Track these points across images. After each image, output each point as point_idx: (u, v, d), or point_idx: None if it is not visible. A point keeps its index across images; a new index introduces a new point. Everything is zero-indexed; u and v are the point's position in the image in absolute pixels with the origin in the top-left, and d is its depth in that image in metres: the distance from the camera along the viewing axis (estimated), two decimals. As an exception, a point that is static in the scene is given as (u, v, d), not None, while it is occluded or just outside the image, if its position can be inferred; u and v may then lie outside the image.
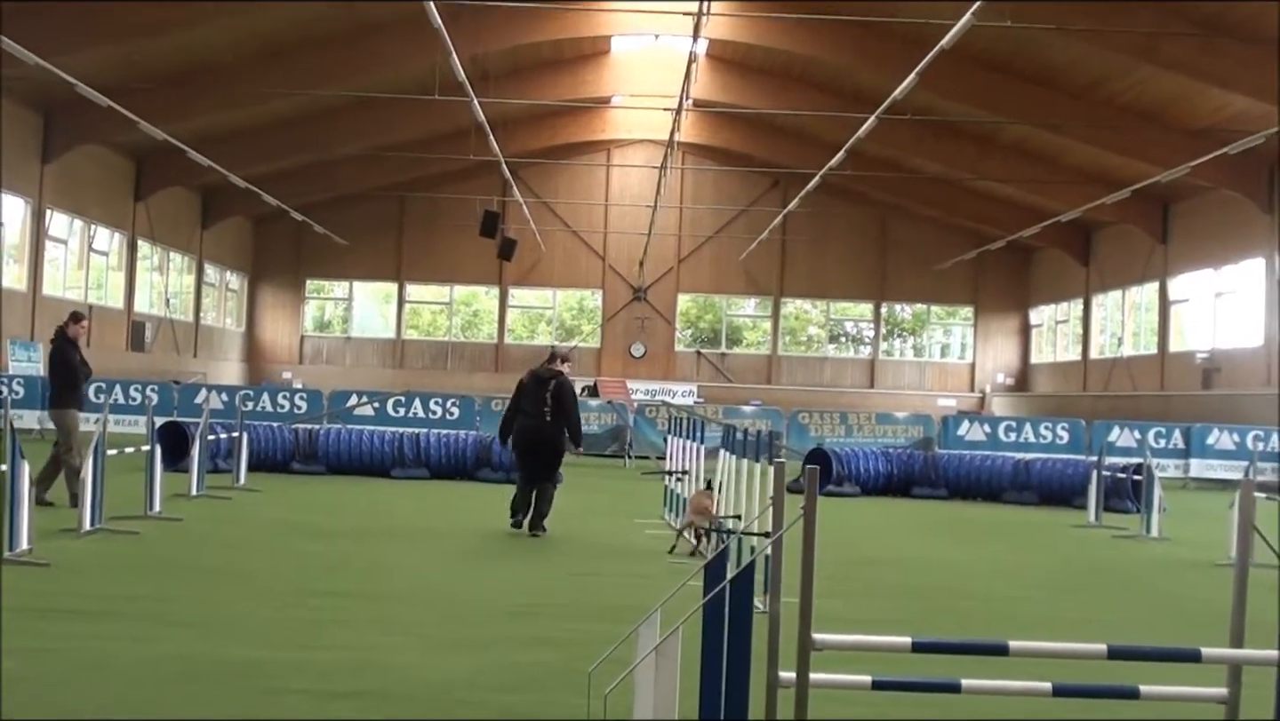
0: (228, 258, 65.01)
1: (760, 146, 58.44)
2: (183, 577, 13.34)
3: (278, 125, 50.88)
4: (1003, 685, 6.86)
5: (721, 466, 15.53)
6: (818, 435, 36.40)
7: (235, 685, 8.82)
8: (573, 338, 67.86)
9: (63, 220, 47.68)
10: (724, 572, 6.41)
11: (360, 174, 59.18)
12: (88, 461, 15.81)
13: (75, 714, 7.90)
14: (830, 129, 47.80)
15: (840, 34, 42.35)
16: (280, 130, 51.15)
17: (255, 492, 22.78)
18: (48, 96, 41.29)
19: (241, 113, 47.58)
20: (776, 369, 67.40)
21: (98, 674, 8.99)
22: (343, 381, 54.16)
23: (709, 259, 66.76)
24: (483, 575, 14.39)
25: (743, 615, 6.14)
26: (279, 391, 37.84)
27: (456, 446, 28.15)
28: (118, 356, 50.93)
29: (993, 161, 50.19)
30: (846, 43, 42.97)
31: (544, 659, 10.03)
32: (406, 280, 68.08)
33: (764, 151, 58.37)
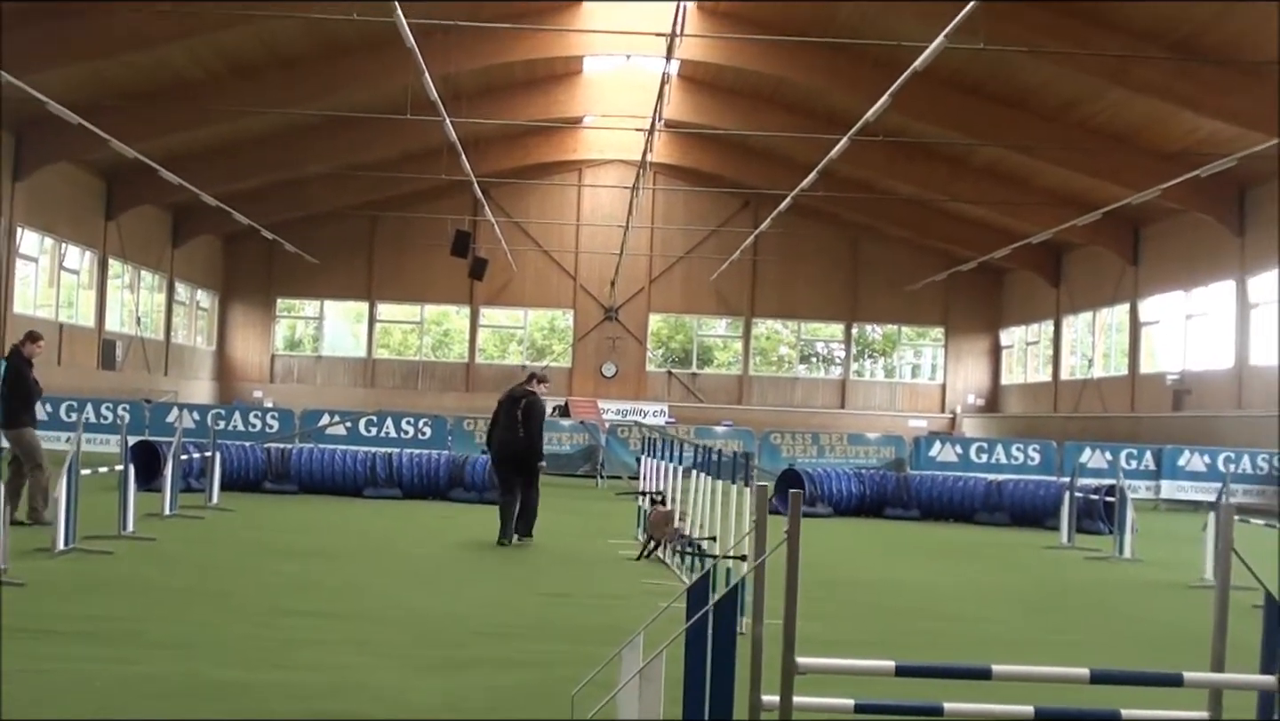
0: (198, 276, 64.81)
1: (731, 167, 58.50)
2: (158, 598, 13.31)
3: (248, 144, 50.80)
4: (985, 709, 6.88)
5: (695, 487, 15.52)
6: (789, 456, 36.43)
7: (214, 706, 8.80)
8: (544, 357, 67.81)
9: (33, 238, 47.50)
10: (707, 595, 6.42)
11: (331, 193, 59.10)
12: (61, 481, 15.76)
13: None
14: (802, 150, 47.88)
15: (812, 56, 42.45)
16: (251, 149, 51.07)
17: (228, 512, 22.70)
18: (18, 114, 41.08)
19: (212, 131, 47.49)
20: (747, 389, 67.42)
21: (75, 695, 8.96)
22: (314, 401, 54.01)
23: (680, 279, 66.77)
24: (457, 595, 14.37)
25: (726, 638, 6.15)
26: (250, 410, 37.76)
27: (429, 466, 28.10)
28: (89, 375, 50.75)
29: (965, 183, 50.34)
30: (818, 64, 43.08)
31: (522, 680, 10.01)
32: (377, 299, 67.93)
33: (735, 172, 58.40)
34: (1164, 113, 38.61)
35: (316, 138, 50.93)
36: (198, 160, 48.49)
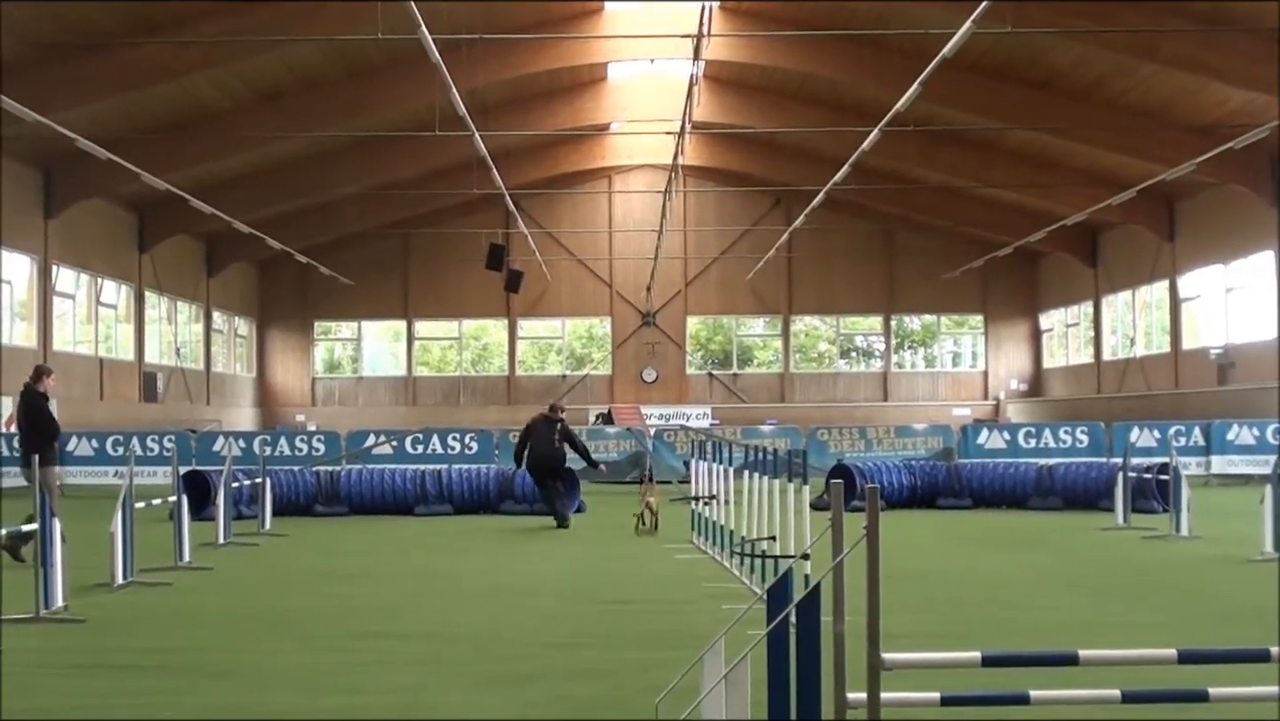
0: (235, 304, 65.00)
1: (761, 165, 58.36)
2: (219, 627, 13.28)
3: (277, 169, 50.92)
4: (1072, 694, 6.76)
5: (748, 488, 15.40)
6: (837, 451, 36.23)
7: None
8: (583, 366, 67.81)
9: (69, 275, 47.68)
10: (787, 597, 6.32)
11: (363, 213, 59.18)
12: (116, 515, 15.73)
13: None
14: (831, 144, 47.73)
15: (837, 49, 42.38)
16: (280, 174, 51.18)
17: (282, 537, 22.71)
18: (47, 152, 41.32)
19: (241, 159, 47.64)
20: (789, 387, 67.27)
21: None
22: (356, 422, 54.08)
23: (716, 280, 66.65)
24: (519, 608, 14.28)
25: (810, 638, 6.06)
26: (296, 435, 37.78)
27: (479, 481, 28.04)
28: (131, 408, 50.93)
29: (997, 168, 50.10)
30: (843, 57, 42.98)
31: (591, 691, 9.94)
32: (414, 317, 68.00)
33: (766, 170, 58.30)
34: (1194, 86, 38.37)
35: (345, 159, 50.99)
36: (228, 188, 48.62)
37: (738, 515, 15.89)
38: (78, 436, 36.63)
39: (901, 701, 6.48)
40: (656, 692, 8.16)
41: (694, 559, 18.20)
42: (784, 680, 6.16)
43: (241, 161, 48.25)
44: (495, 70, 42.68)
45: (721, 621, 11.71)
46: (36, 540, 13.64)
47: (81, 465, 35.82)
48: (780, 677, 6.16)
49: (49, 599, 13.66)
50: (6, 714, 7.39)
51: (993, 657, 6.43)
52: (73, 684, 10.44)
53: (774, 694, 6.18)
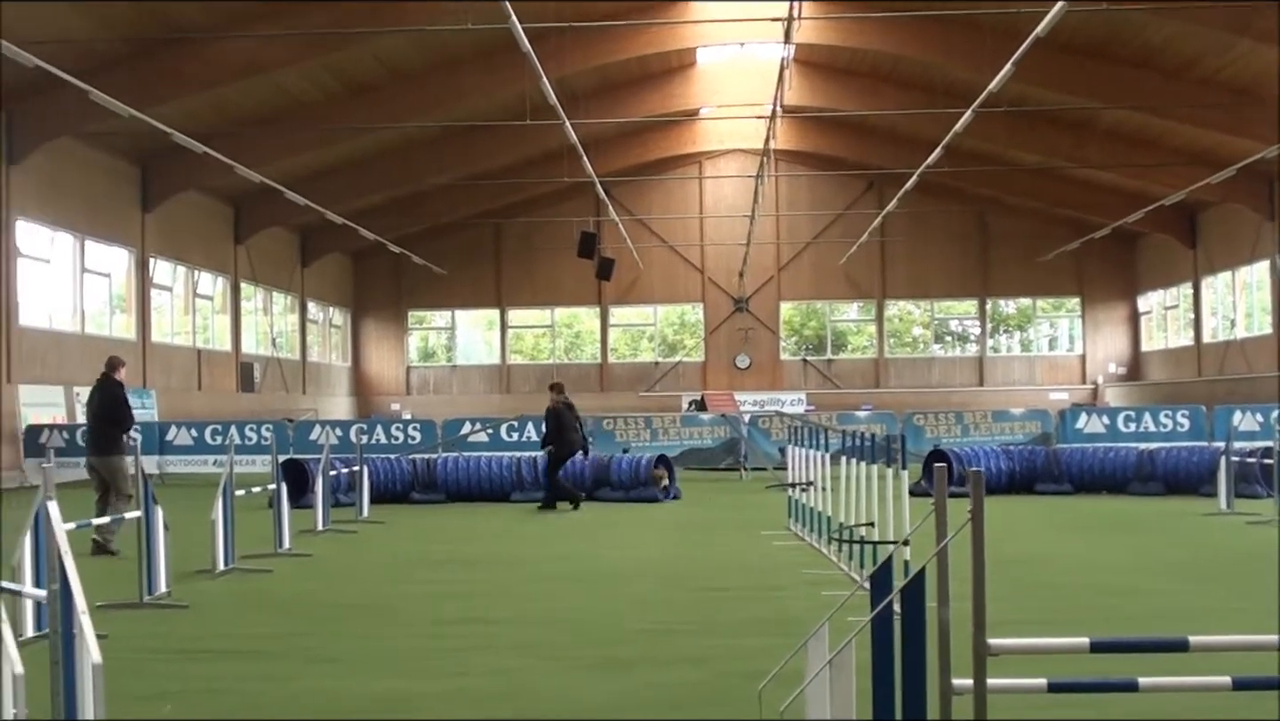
0: (329, 294, 65.46)
1: (853, 149, 58.02)
2: (321, 613, 13.37)
3: (369, 160, 51.17)
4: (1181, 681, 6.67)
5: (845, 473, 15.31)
6: (933, 436, 36.02)
7: (385, 717, 8.79)
8: (676, 353, 67.79)
9: (166, 267, 48.16)
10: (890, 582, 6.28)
11: (454, 203, 59.41)
12: (216, 503, 15.87)
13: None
14: (924, 126, 47.47)
15: (927, 30, 42.09)
16: (372, 165, 51.43)
17: (379, 525, 22.83)
18: (144, 147, 41.76)
19: (333, 150, 47.92)
20: (884, 372, 66.98)
21: (248, 713, 8.99)
22: (450, 410, 54.29)
23: (809, 265, 66.42)
24: (616, 594, 14.28)
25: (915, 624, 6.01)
26: (391, 423, 37.95)
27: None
28: (229, 398, 51.41)
29: (1091, 148, 49.56)
30: (935, 38, 42.65)
31: (690, 677, 9.92)
32: (507, 305, 68.21)
33: (858, 154, 57.95)
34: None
35: (436, 150, 51.18)
36: (322, 179, 48.98)
37: (835, 501, 15.82)
38: (177, 426, 37.03)
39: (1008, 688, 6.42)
40: (756, 679, 8.13)
41: (791, 545, 18.14)
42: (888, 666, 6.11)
43: (334, 153, 48.54)
44: (584, 58, 42.73)
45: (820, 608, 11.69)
46: (140, 527, 13.77)
47: (181, 454, 36.20)
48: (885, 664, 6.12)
49: (152, 585, 13.84)
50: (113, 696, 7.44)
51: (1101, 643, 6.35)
52: (177, 668, 10.56)
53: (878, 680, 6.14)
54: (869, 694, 6.20)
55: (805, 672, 6.39)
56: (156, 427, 37.20)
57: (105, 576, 15.16)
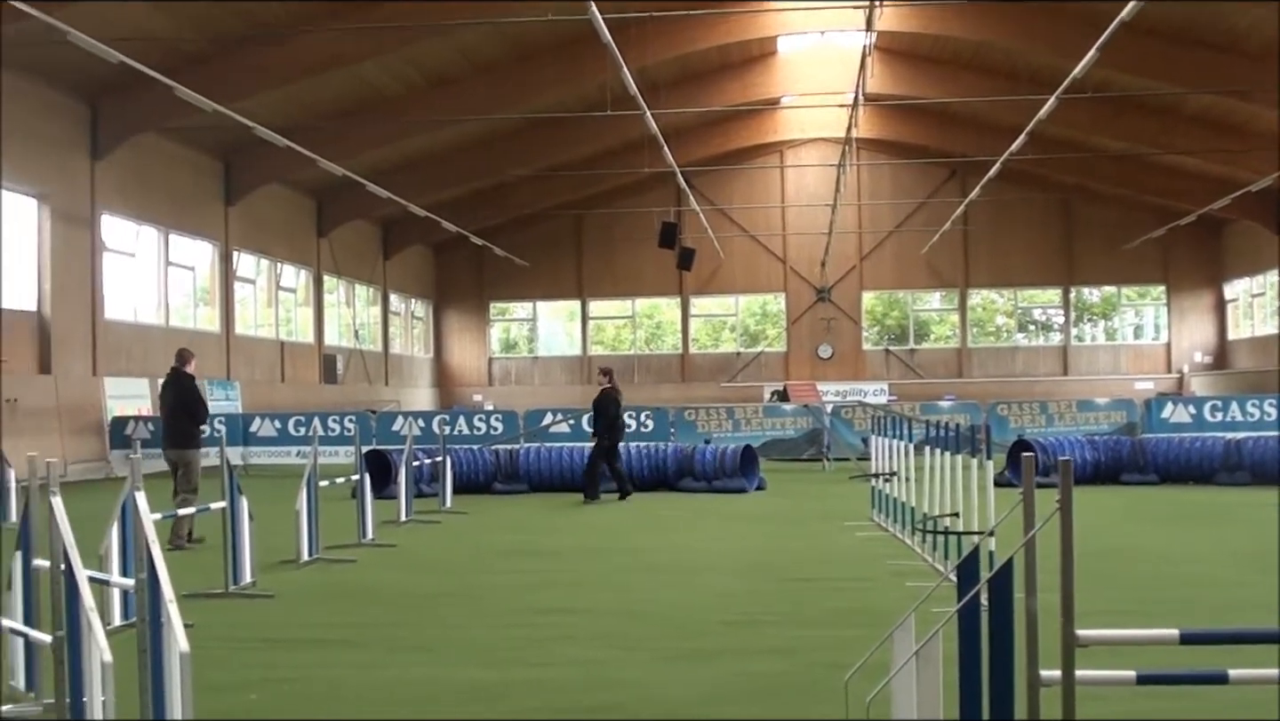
0: (411, 286, 65.77)
1: (935, 137, 57.71)
2: (404, 602, 13.42)
3: (450, 152, 51.36)
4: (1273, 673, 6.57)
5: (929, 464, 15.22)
6: (1017, 426, 35.78)
7: (471, 707, 8.82)
8: (757, 343, 67.70)
9: (249, 260, 48.51)
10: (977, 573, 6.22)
11: (535, 195, 59.64)
12: (301, 494, 15.96)
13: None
14: (1006, 113, 47.18)
15: (1009, 16, 41.85)
16: (453, 157, 51.64)
17: (462, 515, 22.90)
18: (227, 141, 42.07)
19: (414, 143, 48.11)
20: (967, 361, 66.63)
21: (334, 701, 9.06)
22: (532, 401, 54.41)
23: (891, 254, 66.15)
24: (699, 586, 14.24)
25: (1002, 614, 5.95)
26: (474, 414, 38.07)
27: (656, 457, 28.01)
28: (312, 389, 51.73)
29: (1177, 134, 49.03)
30: (1018, 24, 42.37)
31: (774, 668, 9.88)
32: (588, 296, 68.35)
33: (940, 141, 57.61)
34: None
35: (517, 141, 51.36)
36: (403, 172, 49.19)
37: (918, 492, 15.73)
38: (260, 418, 37.28)
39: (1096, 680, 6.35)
40: (841, 670, 8.10)
41: (874, 536, 18.07)
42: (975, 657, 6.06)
43: (415, 146, 48.73)
44: (665, 48, 42.72)
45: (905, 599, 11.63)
46: (225, 517, 13.87)
47: (264, 445, 36.43)
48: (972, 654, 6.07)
49: (238, 575, 13.94)
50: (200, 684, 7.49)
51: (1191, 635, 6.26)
52: (264, 656, 10.64)
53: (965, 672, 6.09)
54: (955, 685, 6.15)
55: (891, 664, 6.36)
56: (240, 419, 37.46)
57: (191, 567, 15.29)
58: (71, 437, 34.84)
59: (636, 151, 46.75)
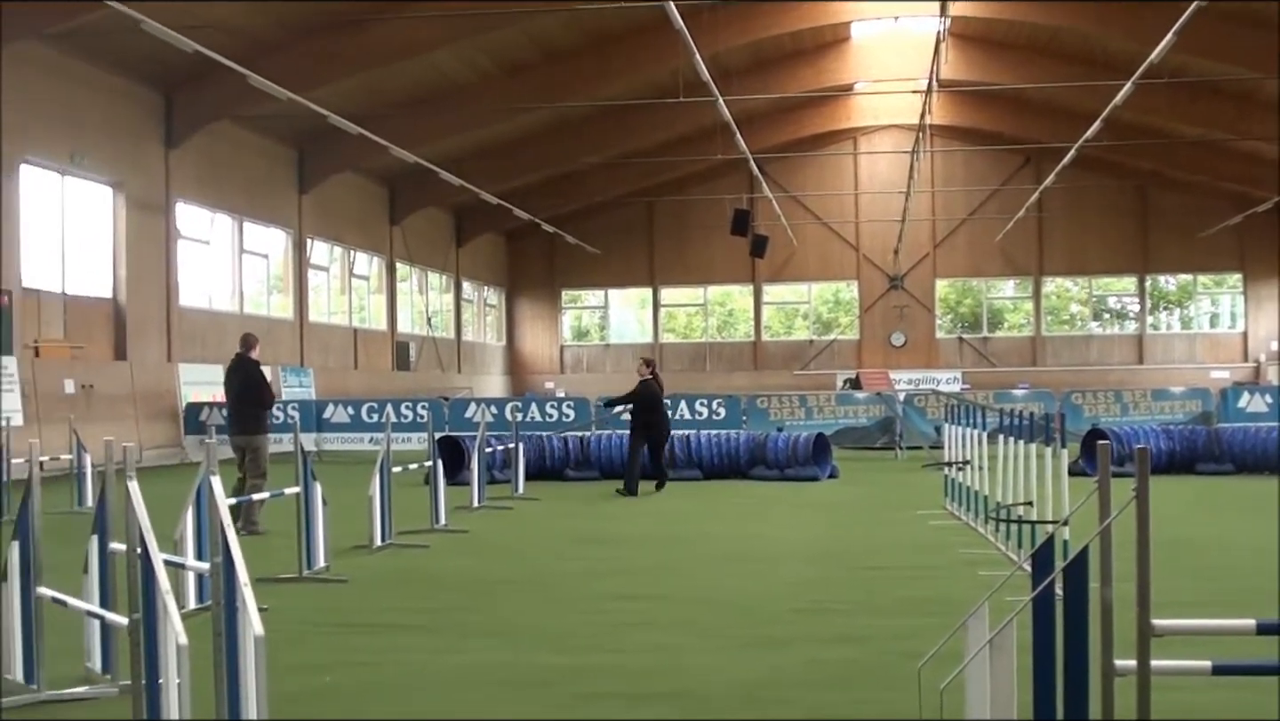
0: (484, 273, 65.99)
1: (1010, 123, 57.33)
2: (478, 588, 13.48)
3: (522, 140, 51.43)
4: (1351, 663, 6.52)
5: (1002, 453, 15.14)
6: (1091, 415, 35.54)
7: (547, 691, 8.85)
8: (830, 331, 67.57)
9: (323, 248, 48.80)
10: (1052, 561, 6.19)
11: (607, 182, 59.71)
12: (374, 479, 16.03)
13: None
14: (1081, 99, 46.86)
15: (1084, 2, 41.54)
16: (525, 145, 51.70)
17: (534, 501, 22.98)
18: (300, 129, 42.27)
19: (486, 131, 48.20)
20: (1041, 350, 66.22)
21: (409, 685, 9.10)
22: (604, 388, 54.39)
23: (964, 242, 65.82)
24: (771, 574, 14.23)
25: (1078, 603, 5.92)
26: (545, 401, 38.16)
27: (729, 446, 27.97)
28: (385, 377, 52.00)
29: (1255, 119, 48.42)
30: (1091, 9, 42.06)
31: (846, 655, 9.88)
32: (660, 284, 68.36)
33: (1013, 128, 57.23)
34: None
35: (589, 129, 51.42)
36: (475, 160, 49.30)
37: (992, 480, 15.65)
38: (334, 404, 37.47)
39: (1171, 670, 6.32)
40: (914, 659, 8.08)
41: (947, 524, 18.00)
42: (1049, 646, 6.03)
43: (488, 133, 48.83)
44: (737, 34, 42.67)
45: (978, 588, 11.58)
46: (299, 503, 13.96)
47: (337, 432, 36.61)
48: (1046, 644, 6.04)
49: (311, 560, 14.04)
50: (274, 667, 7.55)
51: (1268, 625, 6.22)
52: (338, 640, 10.71)
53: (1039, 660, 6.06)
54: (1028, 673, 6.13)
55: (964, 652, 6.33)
56: (314, 405, 37.67)
57: (265, 552, 15.40)
58: (146, 423, 35.15)
59: (709, 138, 46.68)
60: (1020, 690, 6.24)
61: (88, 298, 34.87)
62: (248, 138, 41.78)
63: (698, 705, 8.40)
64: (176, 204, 38.31)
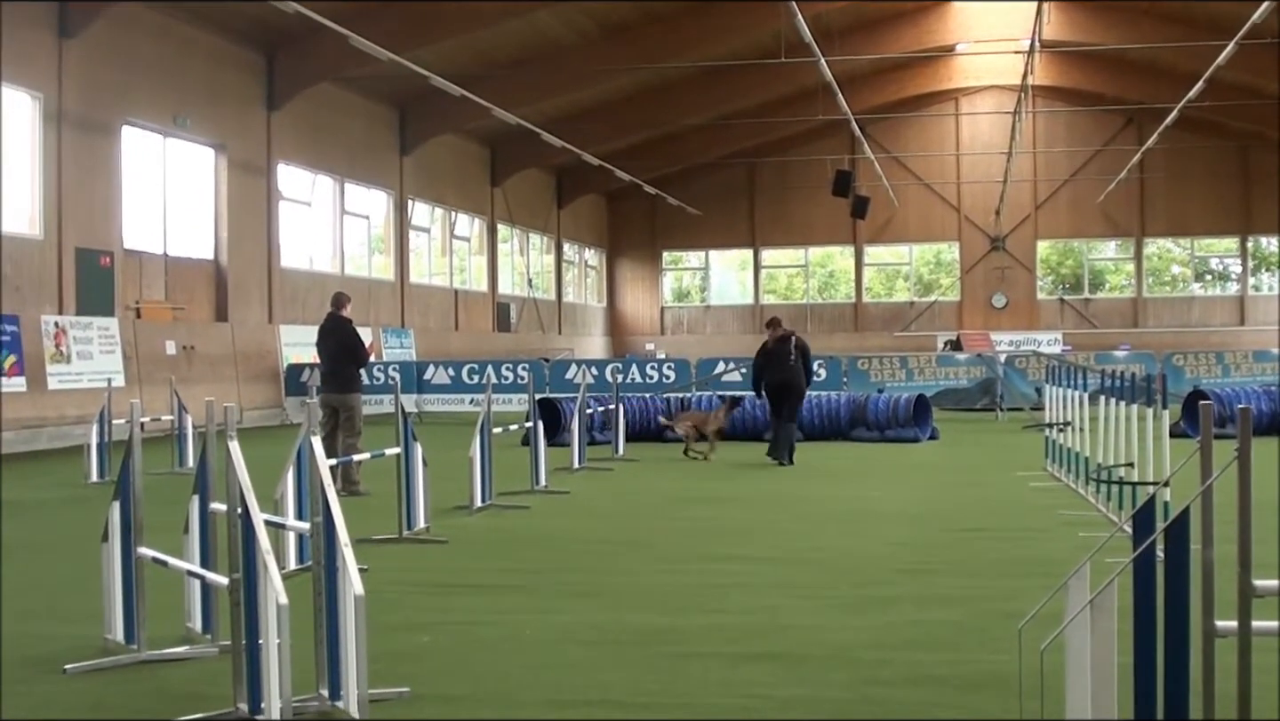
0: (585, 235, 66.13)
1: (1112, 84, 56.78)
2: (578, 549, 13.57)
3: (624, 101, 51.48)
4: None
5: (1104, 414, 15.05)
6: (1193, 377, 35.25)
7: (645, 650, 8.88)
8: (931, 292, 67.28)
9: (424, 209, 49.04)
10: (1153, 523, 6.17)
11: (708, 143, 59.61)
12: (475, 441, 16.13)
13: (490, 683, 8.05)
14: (1184, 60, 46.30)
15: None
16: (627, 106, 51.74)
17: (634, 462, 23.05)
18: (401, 91, 42.46)
19: (588, 92, 48.27)
20: (1142, 311, 65.61)
21: (507, 645, 9.15)
22: (704, 350, 54.53)
23: (1065, 203, 65.28)
24: (872, 535, 14.24)
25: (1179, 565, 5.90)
26: (646, 363, 38.23)
27: (829, 407, 27.94)
28: (485, 338, 52.24)
29: (1360, 81, 47.81)
30: (1198, -31, 41.61)
31: (948, 616, 9.86)
32: (761, 245, 68.27)
33: (1115, 89, 56.69)
34: None
35: (690, 90, 51.32)
36: (577, 121, 49.36)
37: (1092, 442, 15.57)
38: (434, 365, 37.67)
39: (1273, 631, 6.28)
40: (1014, 619, 8.07)
41: (1048, 486, 17.92)
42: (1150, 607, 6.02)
43: (589, 95, 48.90)
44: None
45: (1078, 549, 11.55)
46: (400, 464, 14.09)
47: (438, 393, 36.82)
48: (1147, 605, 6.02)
49: (411, 520, 14.15)
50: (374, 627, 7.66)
51: (1369, 586, 6.17)
52: (438, 601, 10.79)
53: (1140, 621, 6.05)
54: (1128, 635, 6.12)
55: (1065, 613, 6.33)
56: (414, 367, 37.89)
57: (365, 512, 15.50)
58: (247, 385, 35.49)
59: (810, 100, 46.49)
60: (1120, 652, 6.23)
61: (189, 259, 35.24)
62: (349, 99, 42.04)
63: (797, 665, 8.42)
64: (278, 166, 38.62)
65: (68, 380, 28.63)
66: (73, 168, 29.94)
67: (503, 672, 8.35)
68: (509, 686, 8.00)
